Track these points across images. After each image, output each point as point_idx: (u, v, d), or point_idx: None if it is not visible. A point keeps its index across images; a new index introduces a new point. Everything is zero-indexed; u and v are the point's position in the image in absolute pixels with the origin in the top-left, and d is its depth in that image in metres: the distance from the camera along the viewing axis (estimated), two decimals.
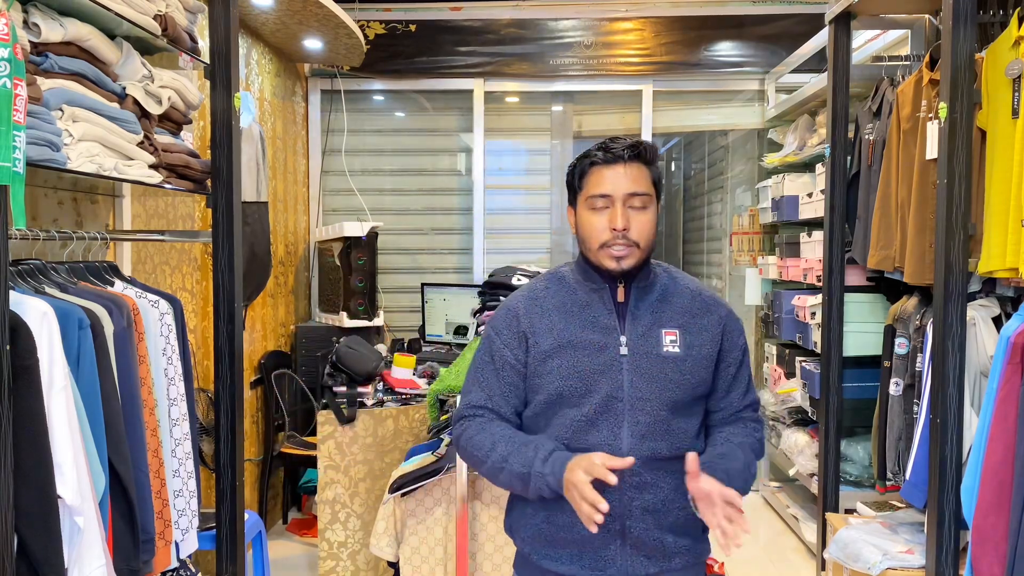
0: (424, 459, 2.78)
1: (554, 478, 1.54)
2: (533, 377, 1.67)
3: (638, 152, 1.63)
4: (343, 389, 3.23)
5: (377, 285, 4.51)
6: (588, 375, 1.63)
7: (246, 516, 2.64)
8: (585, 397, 1.62)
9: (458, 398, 2.59)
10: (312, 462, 3.91)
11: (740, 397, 1.73)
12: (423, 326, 4.58)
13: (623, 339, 1.64)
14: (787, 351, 4.16)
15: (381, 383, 3.42)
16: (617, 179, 1.61)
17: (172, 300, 2.19)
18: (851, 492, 3.49)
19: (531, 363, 1.67)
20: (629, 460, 1.52)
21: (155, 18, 2.15)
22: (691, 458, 1.54)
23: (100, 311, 1.84)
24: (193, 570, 2.37)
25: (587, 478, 1.48)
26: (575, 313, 1.67)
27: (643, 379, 1.63)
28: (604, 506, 1.44)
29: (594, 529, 1.46)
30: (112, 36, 2.09)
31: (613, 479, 1.47)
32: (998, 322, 2.50)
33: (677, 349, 1.65)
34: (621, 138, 1.65)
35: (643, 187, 1.62)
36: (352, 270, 4.29)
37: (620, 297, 1.67)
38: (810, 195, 3.94)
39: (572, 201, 1.71)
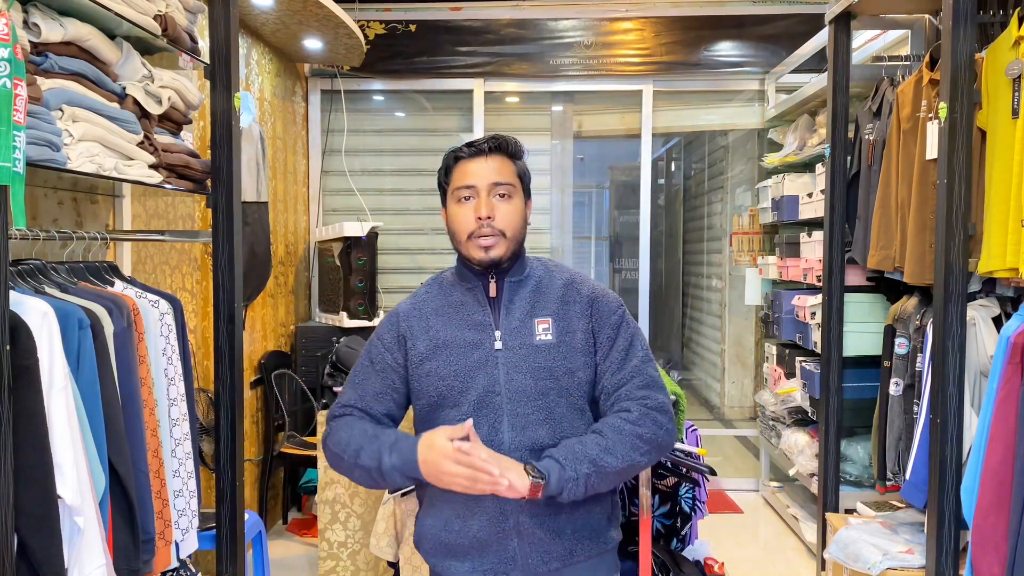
0: None
1: (406, 466, 1.55)
2: (414, 382, 1.69)
3: (499, 145, 1.68)
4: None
5: (377, 285, 4.51)
6: (464, 373, 1.64)
7: (246, 516, 2.64)
8: (463, 395, 1.64)
9: None
10: (312, 462, 3.91)
11: (613, 375, 1.66)
12: None
13: (497, 334, 1.66)
14: (787, 351, 4.16)
15: None
16: (480, 170, 1.66)
17: (172, 300, 2.19)
18: (851, 492, 3.49)
19: (410, 367, 1.69)
20: (467, 424, 1.53)
21: (155, 18, 2.15)
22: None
23: (100, 311, 1.84)
24: (193, 570, 2.37)
25: (447, 456, 1.50)
26: (450, 314, 1.70)
27: (518, 371, 1.64)
28: (478, 451, 1.49)
29: (503, 489, 1.49)
30: (112, 36, 2.09)
31: (467, 446, 1.50)
32: (998, 322, 2.50)
33: (550, 336, 1.66)
34: (484, 136, 1.71)
35: (506, 177, 1.67)
36: (352, 270, 4.29)
37: (492, 292, 1.69)
38: (810, 195, 3.94)
39: (443, 201, 1.75)
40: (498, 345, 1.65)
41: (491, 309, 1.69)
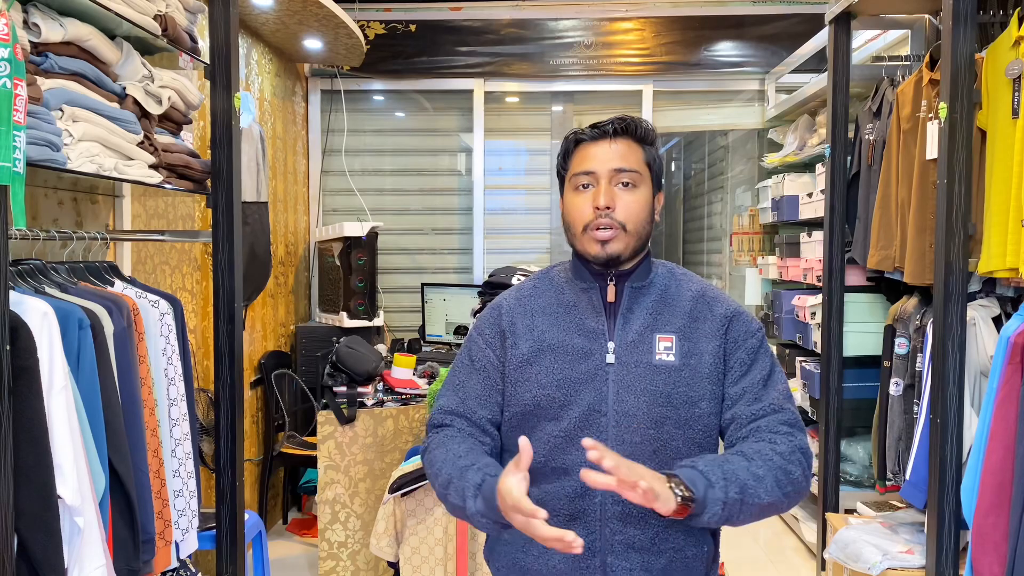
0: None
1: (492, 514, 1.30)
2: (509, 385, 1.50)
3: (626, 127, 1.48)
4: (343, 389, 3.23)
5: (377, 285, 4.51)
6: (568, 384, 1.44)
7: (246, 516, 2.64)
8: (564, 409, 1.44)
9: None
10: (312, 462, 3.91)
11: (748, 405, 1.44)
12: (423, 326, 4.58)
13: (611, 345, 1.46)
14: (787, 351, 4.16)
15: (381, 383, 3.42)
16: (602, 155, 1.47)
17: (172, 300, 2.19)
18: (851, 492, 3.49)
19: (508, 368, 1.50)
20: (524, 443, 1.24)
21: (155, 18, 2.15)
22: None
23: (100, 311, 1.83)
24: (193, 570, 2.37)
25: (514, 502, 1.22)
26: (560, 315, 1.50)
27: (630, 392, 1.43)
28: (578, 542, 1.20)
29: (579, 550, 1.21)
30: (112, 36, 2.09)
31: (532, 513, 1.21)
32: (998, 322, 2.50)
33: (672, 357, 1.45)
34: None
35: (632, 164, 1.46)
36: (352, 270, 4.29)
37: (611, 297, 1.49)
38: (810, 195, 3.94)
39: (561, 190, 1.56)
40: (610, 359, 1.45)
41: (606, 316, 1.48)
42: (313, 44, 4.31)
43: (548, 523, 1.21)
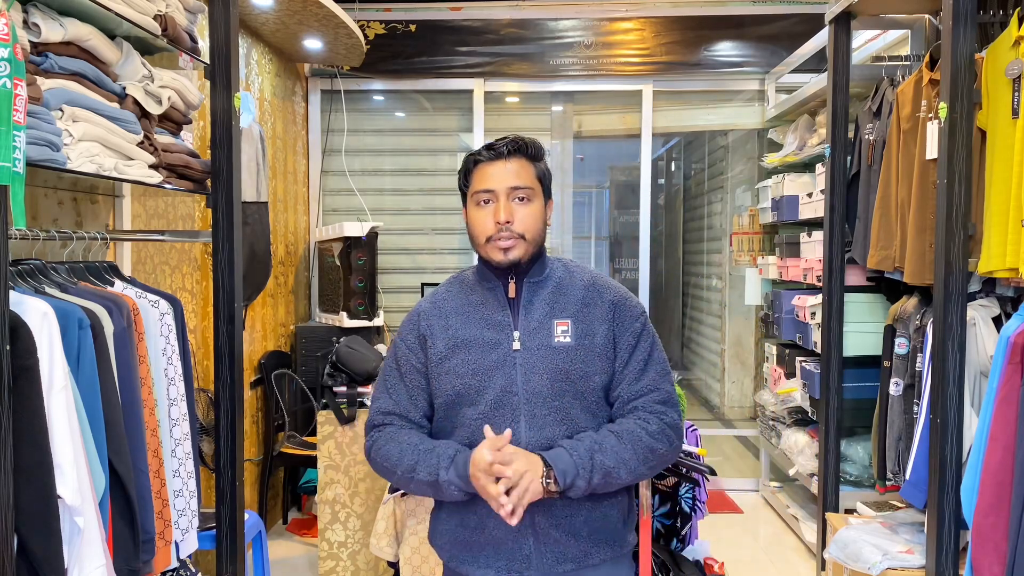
0: None
1: (462, 481, 1.58)
2: (433, 379, 1.69)
3: (519, 147, 1.68)
4: (343, 389, 3.23)
5: (377, 285, 4.51)
6: (482, 372, 1.65)
7: (246, 516, 2.64)
8: (481, 395, 1.64)
9: None
10: (312, 462, 3.91)
11: (629, 385, 1.67)
12: None
13: (516, 334, 1.66)
14: (787, 351, 4.16)
15: None
16: (499, 174, 1.66)
17: (172, 300, 2.19)
18: (851, 492, 3.49)
19: (430, 365, 1.69)
20: (506, 433, 1.57)
21: (155, 18, 2.15)
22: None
23: (100, 311, 1.84)
24: (193, 570, 2.37)
25: (488, 475, 1.54)
26: (470, 313, 1.70)
27: (535, 372, 1.64)
28: (505, 501, 1.52)
29: (513, 522, 1.54)
30: (112, 36, 2.09)
31: (506, 471, 1.53)
32: (998, 322, 2.50)
33: (568, 339, 1.66)
34: (505, 137, 1.71)
35: (525, 181, 1.67)
36: (352, 270, 4.29)
37: (511, 293, 1.69)
38: (810, 195, 3.94)
39: (464, 202, 1.75)
40: (516, 346, 1.65)
41: (511, 309, 1.69)
42: (313, 44, 4.31)
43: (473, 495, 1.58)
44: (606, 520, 1.68)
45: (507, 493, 1.54)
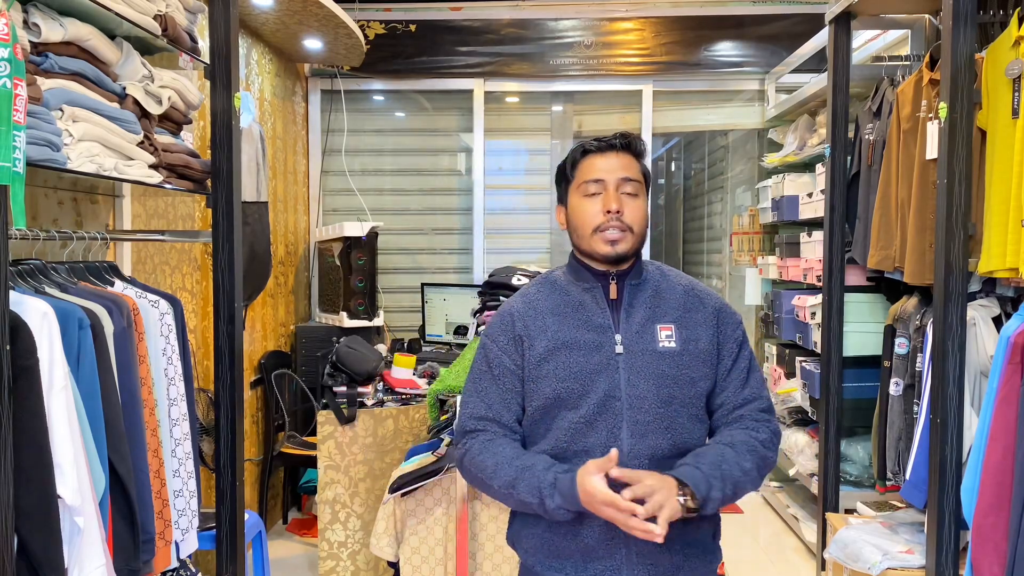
0: (424, 459, 2.78)
1: (569, 503, 1.51)
2: (529, 382, 1.64)
3: (629, 142, 1.67)
4: (343, 389, 3.23)
5: (377, 285, 4.51)
6: (584, 376, 1.60)
7: (246, 516, 2.64)
8: (582, 398, 1.59)
9: (458, 398, 2.60)
10: (312, 462, 3.91)
11: (735, 393, 1.65)
12: (423, 326, 4.58)
13: (618, 337, 1.62)
14: (787, 351, 4.16)
15: (381, 383, 3.42)
16: (610, 165, 1.64)
17: (172, 300, 2.19)
18: (851, 492, 3.49)
19: (527, 367, 1.64)
20: (612, 453, 1.48)
21: (155, 18, 2.15)
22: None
23: (100, 311, 1.84)
24: (193, 570, 2.37)
25: (605, 503, 1.45)
26: (568, 314, 1.65)
27: (640, 376, 1.59)
28: (662, 531, 1.43)
29: (659, 539, 1.43)
30: (112, 36, 2.09)
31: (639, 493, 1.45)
32: (998, 322, 2.50)
33: (673, 344, 1.62)
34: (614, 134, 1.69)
35: (635, 174, 1.65)
36: (352, 270, 4.29)
37: (613, 294, 1.65)
38: (810, 195, 3.94)
39: (562, 197, 1.72)
40: (619, 349, 1.61)
41: (611, 311, 1.64)
42: (313, 44, 4.31)
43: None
44: (699, 533, 1.63)
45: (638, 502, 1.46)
